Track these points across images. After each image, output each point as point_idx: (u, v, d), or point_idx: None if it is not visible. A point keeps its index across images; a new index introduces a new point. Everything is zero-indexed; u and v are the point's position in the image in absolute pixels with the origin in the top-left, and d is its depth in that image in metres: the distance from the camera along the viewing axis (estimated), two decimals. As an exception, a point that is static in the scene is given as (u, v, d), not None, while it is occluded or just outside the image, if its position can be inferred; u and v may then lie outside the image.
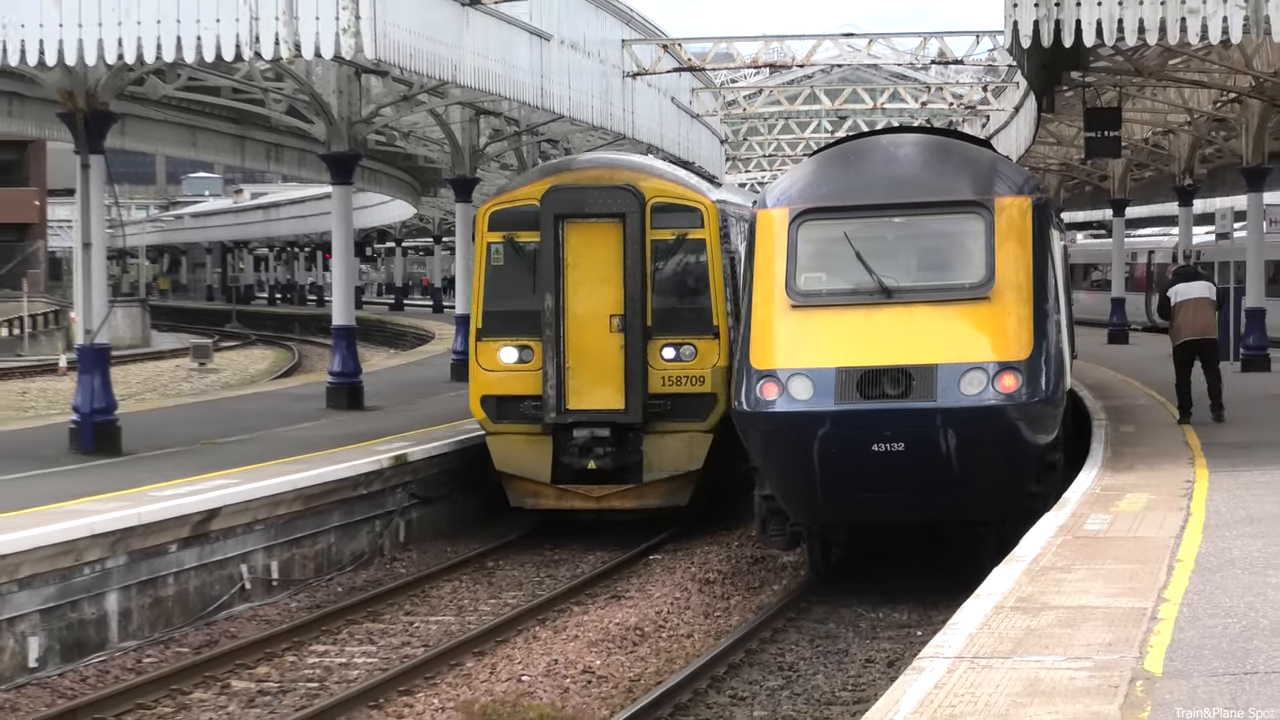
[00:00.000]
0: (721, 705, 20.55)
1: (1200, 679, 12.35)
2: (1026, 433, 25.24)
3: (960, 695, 12.07)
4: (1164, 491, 23.52)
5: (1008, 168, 29.46)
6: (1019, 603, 15.86)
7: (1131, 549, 18.79)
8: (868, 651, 22.75)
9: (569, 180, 29.97)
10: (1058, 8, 23.99)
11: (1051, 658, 13.32)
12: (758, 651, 23.09)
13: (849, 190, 26.73)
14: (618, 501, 29.68)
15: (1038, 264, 25.87)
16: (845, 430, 24.65)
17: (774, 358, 25.18)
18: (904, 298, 25.23)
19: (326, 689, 21.40)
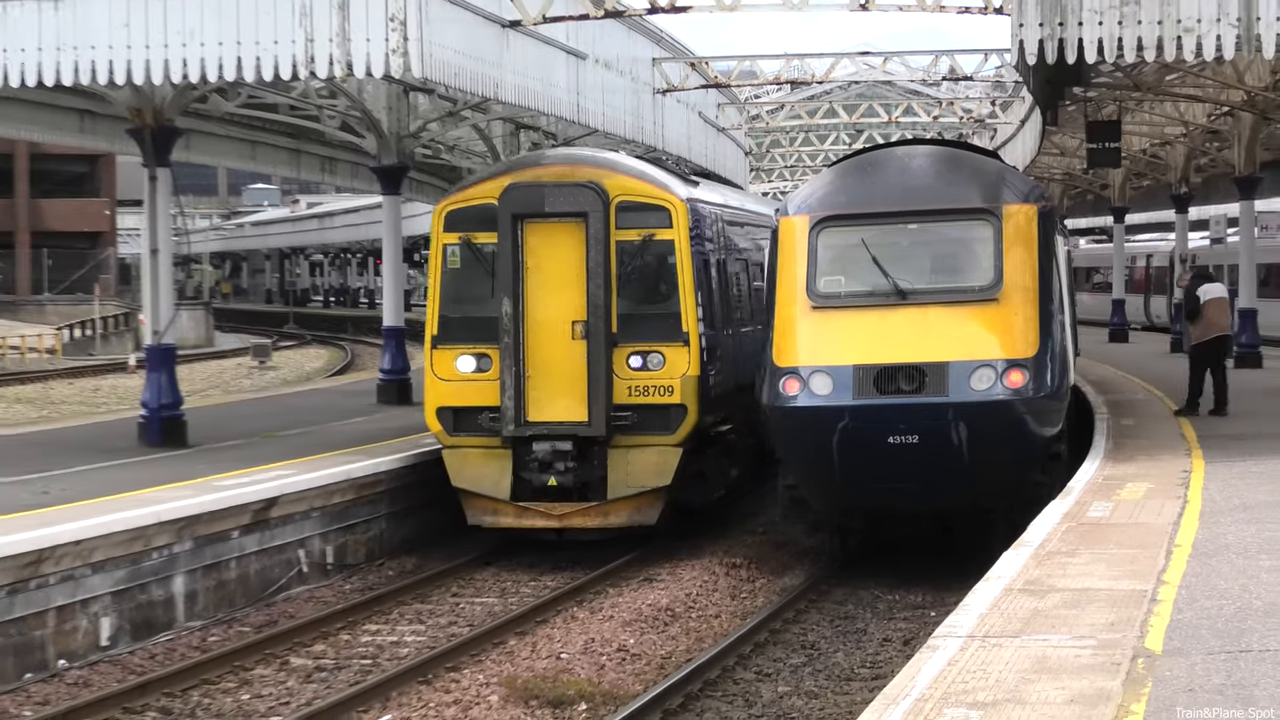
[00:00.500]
0: (748, 681, 20.58)
1: (1198, 657, 12.41)
2: (1033, 425, 25.29)
3: (972, 672, 12.18)
4: (1162, 481, 23.51)
5: (1014, 177, 29.48)
6: (1027, 585, 15.87)
7: (1132, 535, 18.83)
8: (885, 631, 22.87)
9: (529, 177, 26.60)
10: (1061, 27, 24.01)
11: (1057, 637, 13.40)
12: (781, 631, 23.20)
13: (866, 199, 26.77)
14: (580, 520, 26.20)
15: (1043, 267, 25.92)
16: (863, 423, 24.68)
17: (796, 356, 25.22)
18: (917, 299, 25.31)
19: (379, 665, 21.56)
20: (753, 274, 35.05)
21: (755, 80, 50.92)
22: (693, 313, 25.64)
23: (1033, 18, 24.03)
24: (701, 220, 27.56)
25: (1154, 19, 23.86)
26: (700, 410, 25.29)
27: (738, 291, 32.42)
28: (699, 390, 24.97)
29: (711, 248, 28.15)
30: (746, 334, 31.99)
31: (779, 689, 20.11)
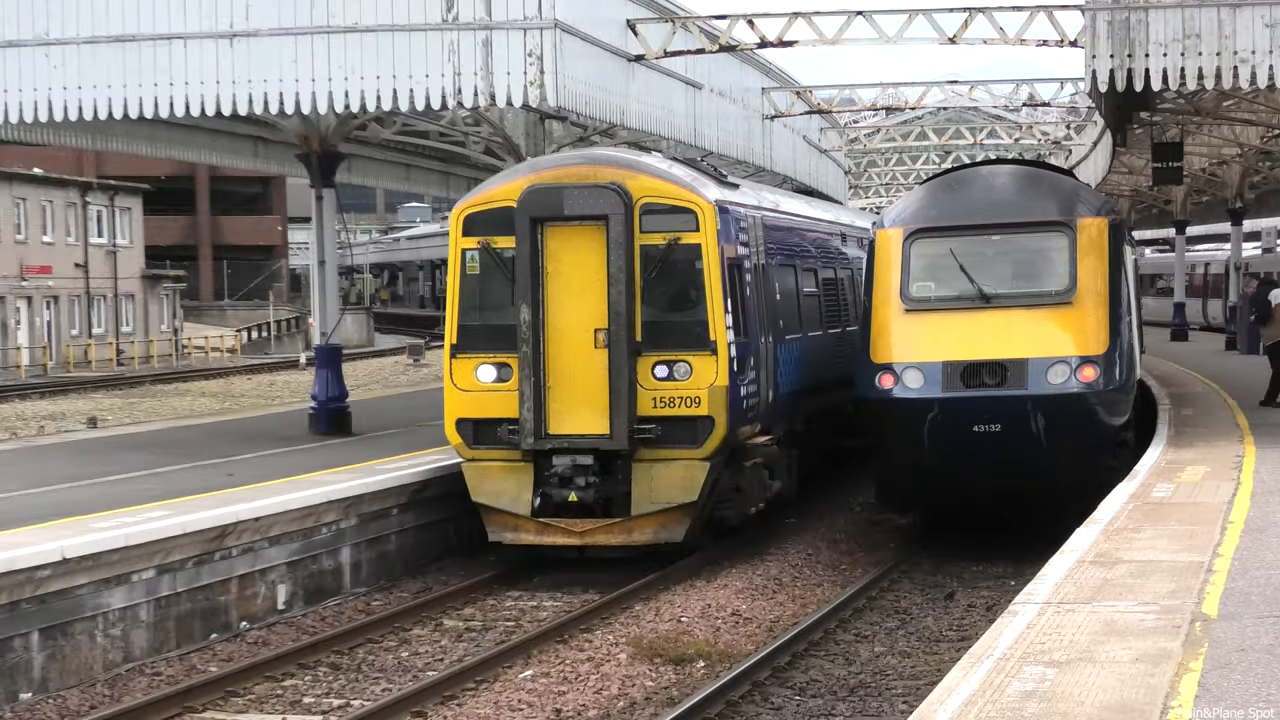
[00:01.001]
0: (848, 642, 20.73)
1: (1250, 620, 12.57)
2: (1103, 415, 25.31)
3: (1048, 634, 12.36)
4: (1218, 465, 23.53)
5: (1087, 193, 29.44)
6: (1097, 558, 16.04)
7: (1190, 513, 18.87)
8: (969, 598, 23.03)
9: (549, 179, 22.73)
10: (1130, 59, 24.00)
11: (1124, 603, 13.55)
12: (877, 598, 23.36)
13: (954, 213, 26.87)
14: (602, 537, 22.49)
15: (1113, 274, 25.96)
16: (951, 414, 24.86)
17: (891, 353, 25.38)
18: (1000, 303, 25.41)
19: (520, 627, 21.78)
20: (818, 280, 32.13)
21: (854, 106, 50.97)
22: (721, 320, 21.90)
23: (1104, 50, 24.02)
24: (735, 224, 23.71)
25: (1213, 51, 23.83)
26: (730, 423, 21.95)
27: (791, 298, 28.68)
28: (728, 402, 21.57)
29: (748, 252, 24.27)
30: (800, 340, 28.75)
31: (875, 649, 20.28)
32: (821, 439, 31.64)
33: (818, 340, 29.73)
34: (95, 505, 22.89)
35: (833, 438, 32.86)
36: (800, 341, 28.11)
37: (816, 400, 30.17)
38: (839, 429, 32.87)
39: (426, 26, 27.67)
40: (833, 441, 32.89)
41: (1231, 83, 24.00)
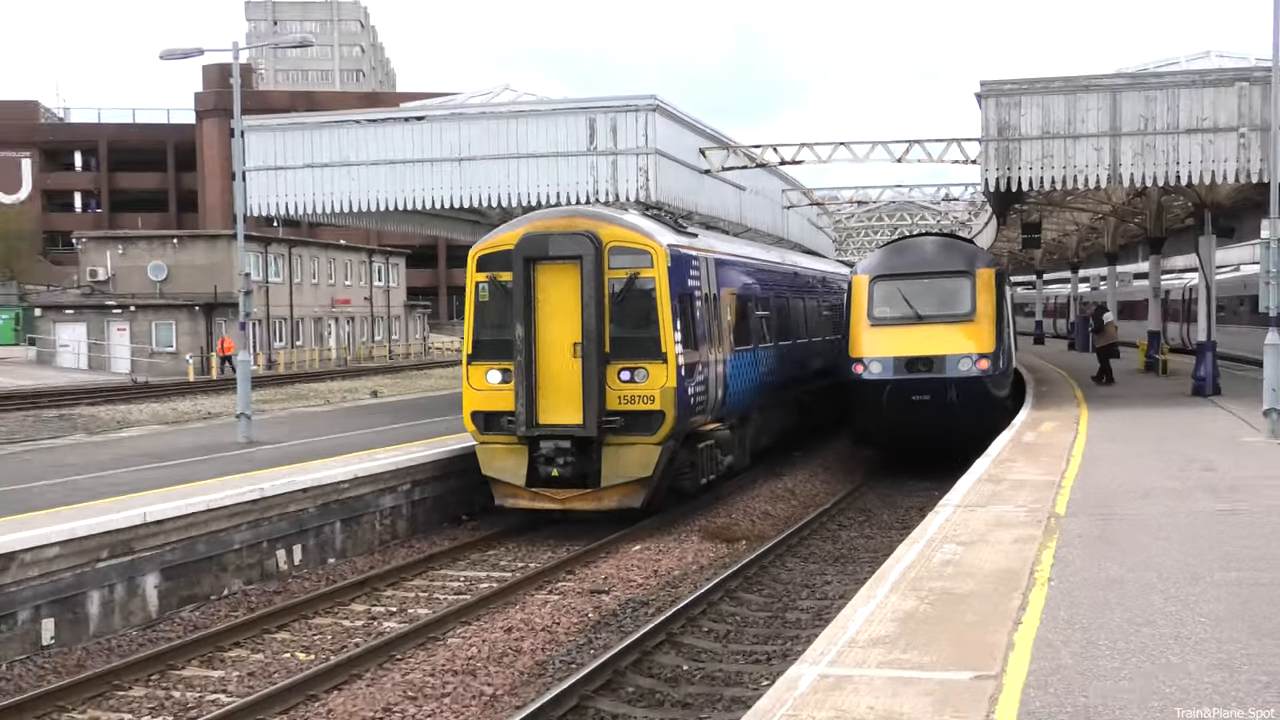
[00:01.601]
0: (833, 530, 21.81)
1: (1083, 517, 13.97)
2: (992, 389, 26.29)
3: (958, 525, 13.80)
4: (1064, 420, 24.58)
5: (982, 253, 29.98)
6: (989, 478, 17.24)
7: (1047, 450, 19.98)
8: (909, 503, 23.86)
9: (539, 228, 21.39)
10: (1009, 171, 24.93)
11: (1006, 506, 14.86)
12: (852, 502, 24.40)
13: (900, 265, 27.70)
14: (579, 504, 21.02)
15: (998, 302, 26.86)
16: (898, 388, 25.84)
17: (861, 351, 26.37)
18: (928, 320, 26.34)
19: (638, 524, 21.55)
20: (771, 306, 29.05)
21: (838, 200, 51.80)
22: (670, 336, 20.27)
23: (993, 166, 24.93)
24: (686, 262, 21.85)
25: (1060, 166, 24.82)
26: (678, 416, 20.35)
27: (742, 319, 25.78)
28: (676, 400, 20.05)
29: (698, 284, 22.25)
30: (751, 352, 26.19)
31: (850, 534, 21.44)
32: (775, 424, 29.66)
33: (768, 351, 27.63)
34: (375, 443, 24.07)
35: (787, 421, 30.98)
36: (751, 352, 25.99)
37: (769, 395, 28.06)
38: (794, 414, 31.66)
39: (577, 153, 28.27)
40: (787, 424, 30.86)
41: (1072, 186, 24.86)
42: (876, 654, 8.84)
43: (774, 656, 13.60)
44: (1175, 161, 24.79)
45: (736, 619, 15.67)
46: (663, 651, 14.00)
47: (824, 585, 17.50)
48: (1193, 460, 18.41)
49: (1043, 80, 25.16)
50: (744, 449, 25.14)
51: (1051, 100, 24.96)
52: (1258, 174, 24.29)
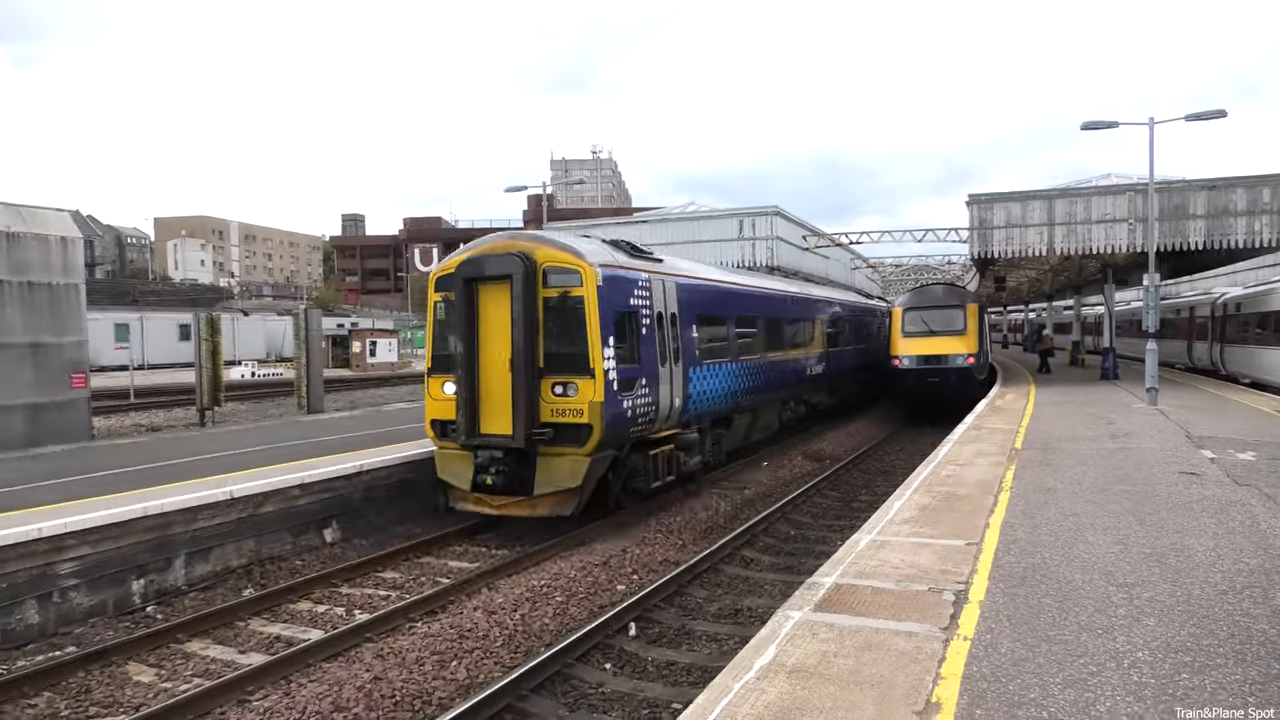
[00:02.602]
0: (880, 456, 20.88)
1: (1033, 450, 13.22)
2: (975, 374, 25.07)
3: (954, 454, 13.19)
4: (1020, 393, 23.31)
5: (970, 294, 28.21)
6: (972, 427, 16.45)
7: (1009, 411, 19.02)
8: (925, 440, 22.55)
9: (482, 251, 14.27)
10: (986, 245, 23.71)
11: (984, 444, 14.13)
12: (885, 444, 23.20)
13: (921, 301, 26.58)
14: (514, 510, 13.49)
15: (980, 324, 25.74)
16: (919, 373, 24.98)
17: (897, 351, 25.48)
18: (938, 334, 25.29)
19: (760, 450, 20.09)
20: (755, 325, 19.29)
21: (884, 263, 51.25)
22: (599, 353, 12.95)
23: (976, 243, 23.74)
24: (627, 283, 13.99)
25: (1016, 242, 23.51)
26: (607, 428, 12.83)
27: (715, 337, 16.87)
28: (604, 413, 12.82)
29: (645, 304, 14.24)
30: (721, 365, 16.95)
31: (891, 457, 20.60)
32: (764, 423, 20.31)
33: (748, 364, 18.42)
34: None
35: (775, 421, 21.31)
36: (724, 365, 17.08)
37: (753, 400, 18.75)
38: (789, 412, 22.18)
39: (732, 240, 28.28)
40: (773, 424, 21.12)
41: (1025, 254, 23.95)
42: (905, 528, 8.68)
43: (844, 528, 13.33)
44: (1089, 239, 23.66)
45: (822, 505, 15.34)
46: (779, 523, 13.84)
47: (875, 486, 16.87)
48: (1101, 418, 17.44)
49: (1005, 193, 24.41)
50: (718, 448, 17.46)
51: (1011, 204, 24.12)
52: (1140, 246, 23.19)
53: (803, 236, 31.88)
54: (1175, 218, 22.96)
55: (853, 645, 5.63)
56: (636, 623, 9.16)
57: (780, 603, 7.39)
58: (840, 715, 4.65)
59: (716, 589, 10.50)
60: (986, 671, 5.19)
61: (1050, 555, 7.54)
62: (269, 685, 7.63)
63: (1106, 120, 20.70)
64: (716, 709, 4.79)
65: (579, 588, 10.05)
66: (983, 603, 6.37)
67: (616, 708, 7.30)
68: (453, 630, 8.50)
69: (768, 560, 11.83)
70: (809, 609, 6.36)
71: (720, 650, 8.49)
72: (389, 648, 8.12)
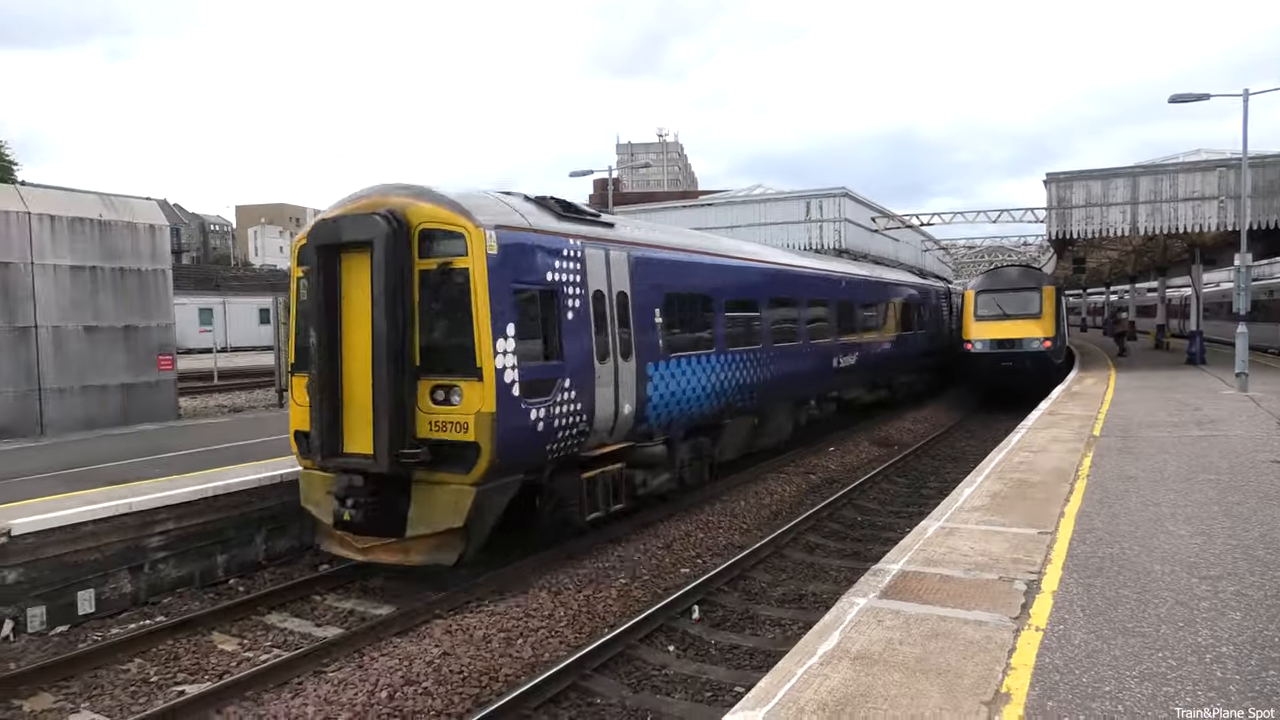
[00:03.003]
0: (951, 440, 20.50)
1: (1112, 437, 12.87)
2: (1052, 358, 24.34)
3: (1031, 440, 12.88)
4: (1099, 377, 22.69)
5: (1046, 276, 27.49)
6: (1049, 413, 16.03)
7: (1088, 396, 18.52)
8: (998, 426, 22.05)
9: (343, 210, 9.41)
10: (1064, 225, 22.81)
11: (1061, 430, 13.78)
12: (955, 430, 22.72)
13: (994, 284, 25.85)
14: (384, 555, 9.05)
15: (1057, 307, 25.01)
16: (992, 357, 24.37)
17: (970, 335, 24.88)
18: (1012, 317, 24.62)
19: (826, 438, 19.63)
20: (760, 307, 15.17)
21: (955, 245, 50.02)
22: (488, 346, 8.75)
23: (1054, 223, 22.86)
24: (528, 251, 9.52)
25: (1097, 222, 22.61)
26: (501, 449, 8.81)
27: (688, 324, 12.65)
28: (496, 428, 8.69)
29: (573, 279, 10.09)
30: (710, 358, 13.11)
31: (961, 444, 20.15)
32: (755, 432, 15.53)
33: (743, 355, 14.23)
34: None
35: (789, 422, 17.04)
36: (704, 358, 12.89)
37: (736, 401, 14.03)
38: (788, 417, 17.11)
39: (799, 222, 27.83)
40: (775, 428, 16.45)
41: (1105, 235, 23.20)
42: (975, 516, 8.49)
43: (912, 515, 13.11)
44: (1175, 218, 22.69)
45: (890, 491, 15.12)
46: (845, 508, 13.69)
47: (944, 473, 16.54)
48: (1186, 404, 16.80)
49: (1085, 171, 23.55)
50: (702, 463, 13.55)
51: (1092, 182, 23.27)
52: (1230, 225, 22.15)
53: (871, 219, 31.28)
54: (1270, 194, 22.04)
55: (919, 633, 5.54)
56: (700, 606, 9.20)
57: (845, 589, 7.33)
58: (905, 703, 4.59)
59: (780, 574, 10.49)
60: (1059, 663, 5.06)
61: (1129, 545, 7.32)
62: (343, 658, 7.80)
63: (1196, 93, 19.73)
64: (779, 693, 4.77)
65: (643, 570, 10.15)
66: (1056, 593, 6.21)
67: (680, 689, 7.34)
68: (519, 609, 8.65)
69: (833, 546, 11.72)
70: (874, 595, 6.28)
71: (784, 635, 8.47)
72: (458, 624, 8.27)
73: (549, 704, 6.97)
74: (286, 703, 6.83)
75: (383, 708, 6.74)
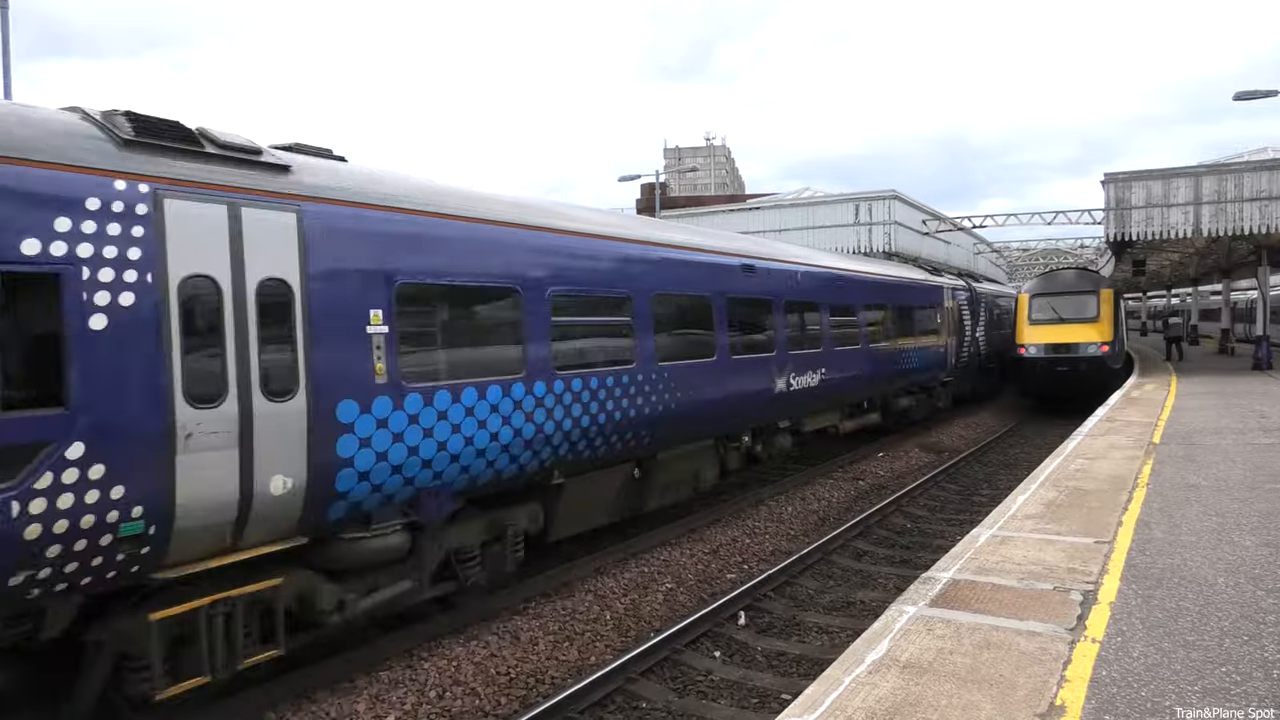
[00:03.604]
0: (1004, 447, 20.19)
1: (1173, 444, 12.49)
2: (1110, 364, 23.76)
3: (1086, 447, 12.57)
4: (1160, 383, 21.99)
5: (1104, 279, 27.07)
6: (1107, 418, 15.70)
7: (1148, 402, 18.06)
8: (1052, 433, 21.83)
9: None
10: (1123, 227, 22.35)
11: (1119, 436, 13.44)
12: (1008, 436, 22.34)
13: (1049, 287, 25.28)
14: None
15: (1116, 311, 24.40)
16: (1048, 362, 23.88)
17: (1023, 339, 24.39)
18: (1067, 321, 24.12)
19: (877, 439, 19.72)
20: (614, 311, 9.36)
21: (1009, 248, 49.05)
22: None
23: (1113, 224, 22.18)
24: None
25: (1158, 223, 22.07)
26: None
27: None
28: None
29: (91, 255, 4.86)
30: (456, 391, 7.29)
31: (1014, 450, 19.81)
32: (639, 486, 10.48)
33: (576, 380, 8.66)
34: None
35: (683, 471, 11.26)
36: (484, 388, 7.57)
37: (587, 448, 8.93)
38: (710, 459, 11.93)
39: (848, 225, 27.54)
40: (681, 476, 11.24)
41: (1166, 237, 22.60)
42: (1029, 524, 8.30)
43: (964, 523, 12.91)
44: (1240, 219, 21.94)
45: (940, 498, 14.92)
46: (894, 515, 13.52)
47: (996, 480, 16.29)
48: (1252, 410, 16.25)
49: (1145, 170, 22.87)
50: (500, 555, 8.54)
51: (1152, 182, 22.63)
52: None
53: (922, 221, 30.98)
54: (1343, 194, 21.22)
55: (970, 643, 5.45)
56: (746, 611, 9.21)
57: (894, 596, 7.24)
58: (956, 714, 4.51)
59: (828, 580, 10.40)
60: (1116, 676, 4.93)
61: (1191, 556, 7.11)
62: (394, 658, 7.86)
63: (1263, 90, 19.13)
64: (827, 701, 4.72)
65: (688, 575, 10.15)
66: (1113, 604, 6.05)
67: (725, 695, 7.32)
68: (564, 612, 8.72)
69: (882, 553, 11.57)
70: (924, 604, 6.19)
71: (831, 643, 8.40)
72: (504, 627, 8.35)
73: (595, 707, 7.02)
74: (339, 701, 6.94)
75: (432, 708, 6.81)
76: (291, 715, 6.71)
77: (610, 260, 9.47)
